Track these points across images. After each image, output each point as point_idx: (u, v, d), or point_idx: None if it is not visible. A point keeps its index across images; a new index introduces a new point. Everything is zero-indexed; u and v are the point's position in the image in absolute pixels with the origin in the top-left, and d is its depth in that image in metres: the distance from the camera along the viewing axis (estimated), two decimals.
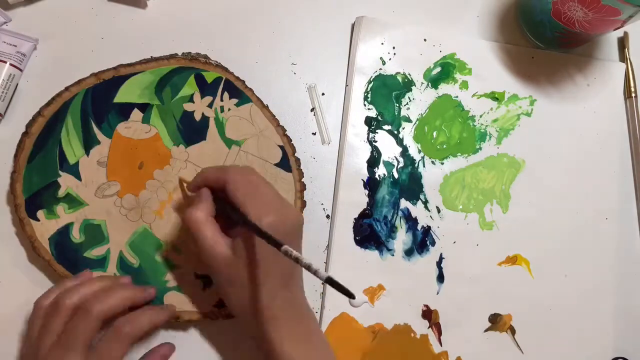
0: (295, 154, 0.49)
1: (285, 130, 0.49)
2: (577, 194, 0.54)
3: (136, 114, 0.47)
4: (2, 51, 0.47)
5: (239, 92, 0.49)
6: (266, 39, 0.52)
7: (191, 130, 0.47)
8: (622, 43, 0.57)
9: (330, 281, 0.33)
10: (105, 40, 0.50)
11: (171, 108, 0.47)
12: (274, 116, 0.49)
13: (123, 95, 0.47)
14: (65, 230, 0.44)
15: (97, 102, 0.46)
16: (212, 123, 0.48)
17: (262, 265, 0.38)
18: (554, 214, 0.53)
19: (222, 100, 0.48)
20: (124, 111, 0.46)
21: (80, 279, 0.42)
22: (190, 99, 0.48)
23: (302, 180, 0.49)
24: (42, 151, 0.45)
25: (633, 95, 0.56)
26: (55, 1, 0.50)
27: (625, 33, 0.57)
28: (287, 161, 0.49)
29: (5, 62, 0.47)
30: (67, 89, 0.46)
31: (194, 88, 0.48)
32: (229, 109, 0.48)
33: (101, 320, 0.39)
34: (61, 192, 0.45)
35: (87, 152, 0.45)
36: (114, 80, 0.47)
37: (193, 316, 0.45)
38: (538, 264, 0.53)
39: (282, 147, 0.49)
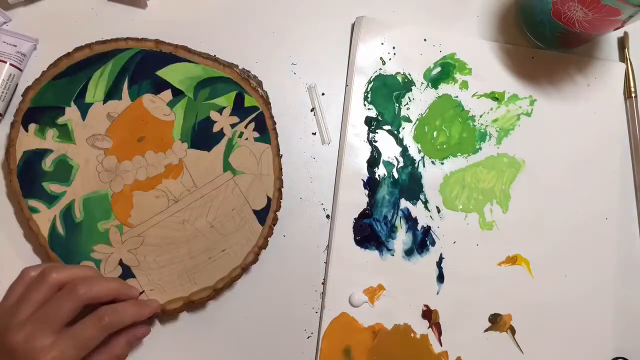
0: (278, 212, 0.48)
1: (282, 185, 0.49)
2: (577, 194, 0.54)
3: (166, 94, 0.48)
4: (2, 51, 0.47)
5: (265, 129, 0.49)
6: (266, 39, 0.52)
7: (203, 137, 0.48)
8: (622, 43, 0.57)
9: None
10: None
11: (199, 108, 0.48)
12: (281, 169, 0.49)
13: (167, 72, 0.48)
14: (41, 153, 0.46)
15: (142, 66, 0.47)
16: (224, 141, 0.48)
17: None
18: (554, 214, 0.53)
19: (246, 127, 0.48)
20: (158, 86, 0.48)
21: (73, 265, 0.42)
22: (220, 110, 0.48)
23: (268, 238, 0.48)
24: (70, 77, 0.47)
25: (633, 95, 0.56)
26: (55, 1, 0.50)
27: (625, 33, 0.57)
28: (266, 215, 0.48)
29: (5, 62, 0.47)
30: (126, 39, 0.47)
31: (229, 103, 0.48)
32: (246, 139, 0.48)
33: (84, 302, 0.38)
34: (61, 120, 0.46)
35: (105, 101, 0.47)
36: (168, 56, 0.48)
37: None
38: (538, 264, 0.53)
39: (269, 200, 0.48)
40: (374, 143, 0.52)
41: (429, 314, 0.50)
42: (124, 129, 0.47)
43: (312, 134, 0.52)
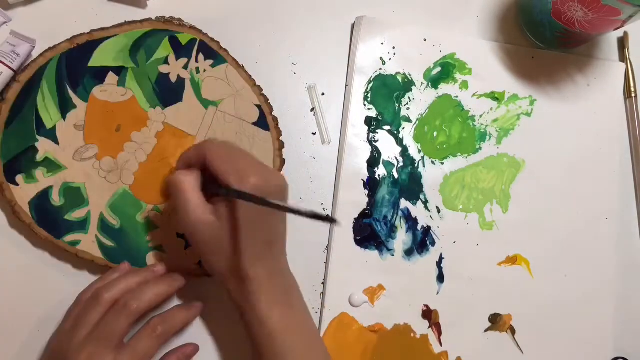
0: (273, 113, 0.50)
1: (262, 90, 0.50)
2: (577, 194, 0.54)
3: (111, 77, 0.47)
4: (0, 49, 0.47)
5: (213, 53, 0.49)
6: (266, 39, 0.52)
7: (167, 92, 0.48)
8: (622, 43, 0.57)
9: (314, 215, 0.33)
10: None
11: (146, 70, 0.48)
12: (250, 76, 0.50)
13: (98, 59, 0.47)
14: (45, 194, 0.45)
15: (72, 67, 0.46)
16: (187, 84, 0.48)
17: (243, 230, 0.39)
18: (554, 214, 0.53)
19: (197, 61, 0.48)
20: (99, 75, 0.47)
21: (119, 272, 0.43)
22: (165, 61, 0.48)
23: (280, 138, 0.49)
24: (18, 117, 0.45)
25: (633, 95, 0.56)
26: (55, 1, 0.50)
27: (625, 33, 0.57)
28: (265, 120, 0.49)
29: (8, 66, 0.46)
30: (41, 54, 0.46)
31: (169, 50, 0.48)
32: (205, 70, 0.48)
33: (138, 316, 0.40)
34: (39, 157, 0.45)
35: (64, 117, 0.46)
36: (88, 44, 0.47)
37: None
38: (538, 264, 0.53)
39: (259, 107, 0.49)
40: (374, 143, 0.52)
41: (429, 314, 0.50)
42: (98, 129, 0.46)
43: (312, 134, 0.52)
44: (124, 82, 0.47)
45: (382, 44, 0.53)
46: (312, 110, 0.52)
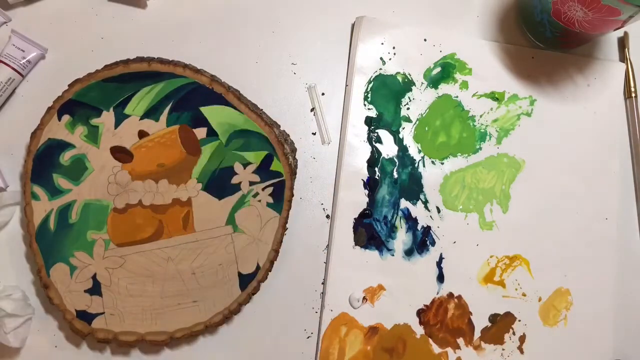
0: (263, 283, 0.47)
1: (275, 259, 0.47)
2: (577, 194, 0.54)
3: (201, 131, 0.47)
4: (8, 53, 0.46)
5: (281, 198, 0.47)
6: (266, 39, 0.52)
7: (219, 184, 0.47)
8: (622, 43, 0.57)
9: None
10: (105, 40, 0.50)
11: (226, 155, 0.47)
12: (281, 242, 0.48)
13: (210, 111, 0.47)
14: (64, 146, 0.46)
15: (189, 97, 0.47)
16: (237, 195, 0.47)
17: None
18: (554, 214, 0.53)
19: (263, 190, 0.47)
20: (197, 120, 0.47)
21: None
22: (245, 165, 0.47)
23: (242, 305, 0.47)
24: (119, 84, 0.46)
25: (633, 95, 0.56)
26: (55, 1, 0.50)
27: (625, 33, 0.57)
28: (249, 282, 0.47)
29: (8, 66, 0.46)
30: (185, 67, 0.47)
31: (257, 161, 0.47)
32: (259, 201, 0.47)
33: None
34: (95, 121, 0.46)
35: (142, 118, 0.46)
36: (217, 95, 0.47)
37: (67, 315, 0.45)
38: (538, 264, 0.53)
39: (258, 267, 0.47)
40: (374, 143, 0.52)
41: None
42: (149, 150, 0.46)
43: (312, 134, 0.52)
44: (205, 144, 0.47)
45: (382, 44, 0.53)
46: (312, 110, 0.52)
